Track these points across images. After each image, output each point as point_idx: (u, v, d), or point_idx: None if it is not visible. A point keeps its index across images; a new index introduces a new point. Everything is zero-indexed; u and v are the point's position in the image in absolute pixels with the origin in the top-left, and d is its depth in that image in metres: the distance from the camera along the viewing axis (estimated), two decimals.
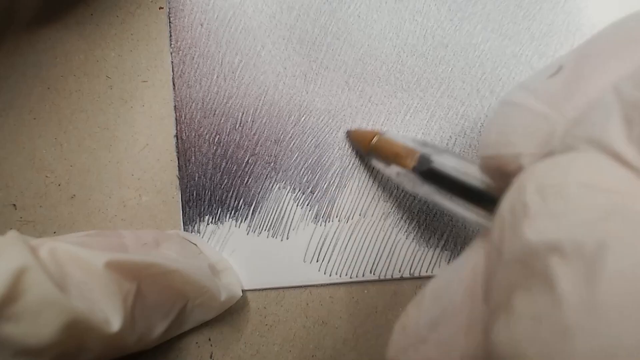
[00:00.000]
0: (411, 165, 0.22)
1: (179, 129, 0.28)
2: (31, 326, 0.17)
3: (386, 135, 0.25)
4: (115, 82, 0.28)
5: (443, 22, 0.29)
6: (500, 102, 0.15)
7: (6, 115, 0.28)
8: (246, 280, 0.27)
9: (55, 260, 0.19)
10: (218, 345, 0.26)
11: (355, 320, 0.26)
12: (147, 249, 0.23)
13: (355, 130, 0.27)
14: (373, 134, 0.25)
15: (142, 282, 0.21)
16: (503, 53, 0.28)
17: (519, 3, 0.29)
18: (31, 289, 0.17)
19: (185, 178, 0.28)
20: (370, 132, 0.26)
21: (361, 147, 0.26)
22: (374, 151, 0.25)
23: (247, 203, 0.27)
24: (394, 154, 0.23)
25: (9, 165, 0.27)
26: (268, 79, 0.28)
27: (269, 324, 0.26)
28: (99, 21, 0.29)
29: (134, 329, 0.20)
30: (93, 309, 0.18)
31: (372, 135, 0.25)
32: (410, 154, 0.22)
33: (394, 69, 0.28)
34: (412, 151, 0.22)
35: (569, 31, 0.28)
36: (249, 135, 0.28)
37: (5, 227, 0.27)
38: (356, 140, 0.27)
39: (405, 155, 0.22)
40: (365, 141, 0.25)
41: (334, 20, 0.29)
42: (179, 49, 0.29)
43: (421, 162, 0.21)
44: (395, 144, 0.23)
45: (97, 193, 0.27)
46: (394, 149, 0.23)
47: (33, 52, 0.28)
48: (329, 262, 0.27)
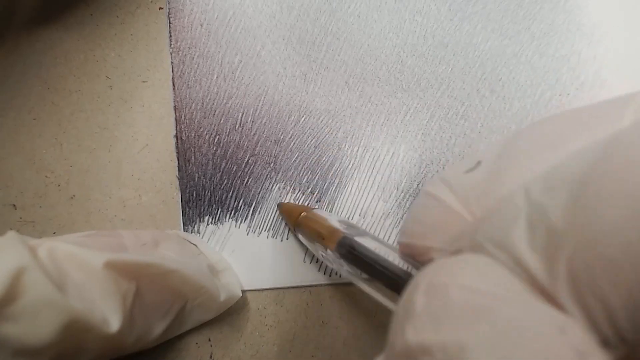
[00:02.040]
0: (332, 246, 0.22)
1: (179, 129, 0.28)
2: (30, 326, 0.17)
3: (314, 212, 0.25)
4: (115, 82, 0.28)
5: (443, 22, 0.29)
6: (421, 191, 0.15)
7: (6, 115, 0.28)
8: (246, 280, 0.27)
9: (54, 260, 0.19)
10: (218, 345, 0.26)
11: (355, 320, 0.26)
12: (146, 249, 0.23)
13: (285, 203, 0.27)
14: (301, 210, 0.25)
15: (141, 282, 0.21)
16: (503, 53, 0.28)
17: (519, 3, 0.29)
18: (30, 289, 0.17)
19: (185, 178, 0.28)
20: (299, 207, 0.26)
21: (289, 220, 0.26)
22: (300, 226, 0.25)
23: (247, 203, 0.27)
24: (317, 233, 0.23)
25: (9, 165, 0.27)
26: (268, 79, 0.28)
27: (269, 324, 0.26)
28: (98, 21, 0.29)
29: (133, 329, 0.20)
30: (92, 309, 0.18)
31: (301, 211, 0.25)
32: (332, 235, 0.22)
33: (394, 69, 0.28)
34: (335, 232, 0.22)
35: (569, 31, 0.28)
36: (249, 136, 0.28)
37: (5, 227, 0.27)
38: (285, 214, 0.27)
39: (328, 236, 0.22)
40: (293, 216, 0.25)
41: (334, 20, 0.29)
42: (179, 49, 0.28)
43: (342, 244, 0.21)
44: (319, 223, 0.23)
45: (96, 193, 0.27)
46: (317, 229, 0.23)
47: (33, 52, 0.28)
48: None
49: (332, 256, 0.22)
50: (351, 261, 0.20)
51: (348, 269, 0.21)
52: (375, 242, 0.20)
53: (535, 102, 0.28)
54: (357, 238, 0.21)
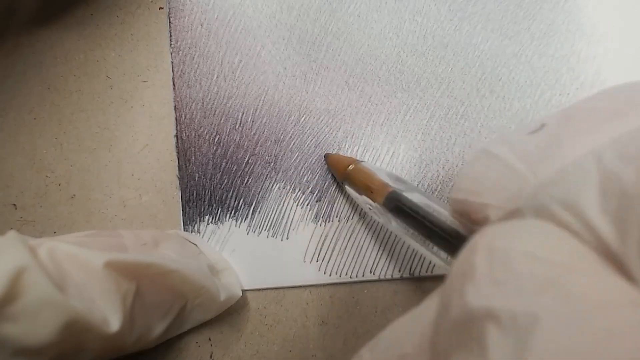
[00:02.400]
0: (380, 200, 0.21)
1: (179, 129, 0.28)
2: (30, 326, 0.17)
3: (362, 165, 0.25)
4: (115, 82, 0.28)
5: (443, 22, 0.29)
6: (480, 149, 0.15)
7: (6, 115, 0.28)
8: (246, 280, 0.27)
9: (54, 260, 0.19)
10: (218, 345, 0.26)
11: (355, 320, 0.26)
12: (146, 249, 0.23)
13: (333, 154, 0.27)
14: (349, 162, 0.25)
15: (141, 282, 0.21)
16: (503, 53, 0.28)
17: (519, 3, 0.29)
18: (30, 288, 0.17)
19: (185, 178, 0.28)
20: (347, 159, 0.26)
21: (337, 172, 0.26)
22: (348, 179, 0.25)
23: (247, 203, 0.27)
24: (366, 186, 0.23)
25: (9, 165, 0.28)
26: (268, 79, 0.28)
27: (269, 324, 0.26)
28: (99, 21, 0.29)
29: (133, 329, 0.20)
30: (92, 308, 0.18)
31: (349, 163, 0.25)
32: (381, 189, 0.22)
33: (394, 68, 0.28)
34: (384, 186, 0.22)
35: (569, 31, 0.28)
36: (249, 135, 0.28)
37: (5, 227, 0.27)
38: (333, 165, 0.27)
39: (376, 189, 0.22)
40: (341, 168, 0.25)
41: (334, 20, 0.29)
42: (179, 49, 0.29)
43: (390, 198, 0.21)
44: (369, 175, 0.23)
45: (97, 193, 0.27)
46: (366, 182, 0.23)
47: (33, 52, 0.29)
48: (329, 262, 0.27)
49: (380, 210, 0.22)
50: (399, 216, 0.20)
51: (396, 224, 0.21)
52: (425, 198, 0.20)
53: (535, 102, 0.28)
54: (406, 193, 0.21)
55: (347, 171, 0.25)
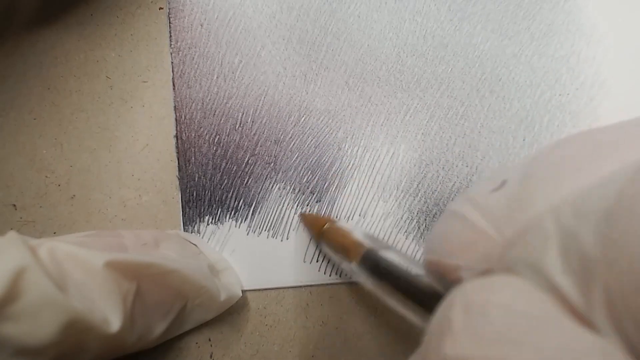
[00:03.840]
0: (357, 260, 0.22)
1: (179, 129, 0.28)
2: (30, 326, 0.17)
3: (337, 224, 0.25)
4: (115, 82, 0.28)
5: (443, 22, 0.29)
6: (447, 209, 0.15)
7: (6, 115, 0.28)
8: (246, 280, 0.27)
9: (55, 260, 0.19)
10: (218, 345, 0.26)
11: (355, 320, 0.26)
12: (146, 249, 0.23)
13: (308, 214, 0.27)
14: (324, 222, 0.25)
15: (142, 282, 0.21)
16: (503, 53, 0.28)
17: (518, 3, 0.29)
18: (30, 288, 0.17)
19: (185, 178, 0.28)
20: (322, 219, 0.26)
21: (312, 232, 0.26)
22: (323, 238, 0.25)
23: (247, 203, 0.27)
24: (341, 245, 0.23)
25: (9, 165, 0.28)
26: (268, 79, 0.28)
27: (269, 324, 0.26)
28: (99, 21, 0.29)
29: (134, 329, 0.20)
30: (92, 308, 0.18)
31: (324, 223, 0.25)
32: (356, 249, 0.22)
33: (394, 69, 0.28)
34: (359, 245, 0.22)
35: (569, 31, 0.28)
36: (249, 136, 0.28)
37: (5, 227, 0.27)
38: (308, 225, 0.27)
39: (352, 249, 0.22)
40: (317, 227, 0.26)
41: (334, 20, 0.29)
42: (179, 49, 0.29)
43: (366, 258, 0.21)
44: (343, 236, 0.23)
45: (97, 193, 0.27)
46: (341, 241, 0.23)
47: (33, 52, 0.29)
48: (329, 262, 0.27)
49: (356, 269, 0.22)
50: (375, 275, 0.20)
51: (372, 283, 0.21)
52: (400, 256, 0.20)
53: (535, 102, 0.28)
54: (382, 252, 0.21)
55: (322, 230, 0.25)
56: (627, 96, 0.28)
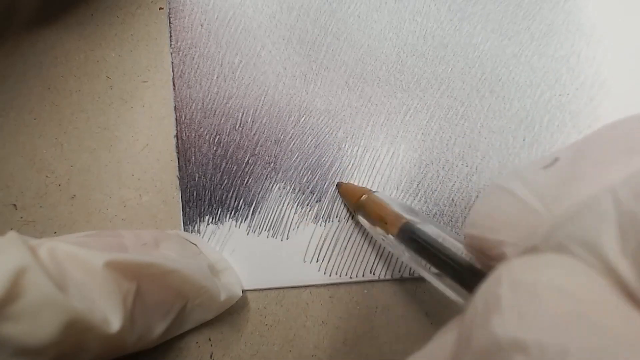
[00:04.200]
0: (394, 232, 0.21)
1: (179, 129, 0.28)
2: (31, 326, 0.17)
3: (375, 195, 0.25)
4: (116, 82, 0.28)
5: (443, 22, 0.29)
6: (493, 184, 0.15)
7: (6, 115, 0.28)
8: (246, 280, 0.27)
9: (55, 260, 0.19)
10: (218, 345, 0.26)
11: (355, 320, 0.26)
12: (146, 249, 0.23)
13: (346, 184, 0.27)
14: (362, 192, 0.25)
15: (142, 282, 0.21)
16: (503, 53, 0.28)
17: (518, 3, 0.29)
18: (31, 288, 0.17)
19: (185, 178, 0.28)
20: (360, 189, 0.26)
21: (349, 202, 0.26)
22: (361, 209, 0.25)
23: (247, 203, 0.27)
24: (379, 217, 0.23)
25: (10, 165, 0.28)
26: (268, 79, 0.28)
27: (269, 324, 0.26)
28: (99, 21, 0.29)
29: (134, 329, 0.20)
30: (92, 308, 0.18)
31: (362, 193, 0.25)
32: (394, 220, 0.22)
33: (394, 69, 0.28)
34: (398, 217, 0.22)
35: (569, 31, 0.28)
36: (249, 136, 0.28)
37: (5, 227, 0.27)
38: (345, 195, 0.27)
39: (390, 221, 0.22)
40: (354, 198, 0.25)
41: (334, 20, 0.29)
42: (179, 50, 0.29)
43: (404, 230, 0.21)
44: (382, 207, 0.23)
45: (97, 193, 0.27)
46: (379, 213, 0.23)
47: (33, 52, 0.29)
48: (329, 262, 0.27)
49: (393, 241, 0.22)
50: (413, 248, 0.20)
51: (409, 256, 0.21)
52: (439, 230, 0.20)
53: (535, 102, 0.28)
54: (420, 225, 0.21)
55: (359, 202, 0.25)
56: (627, 96, 0.28)
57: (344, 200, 0.27)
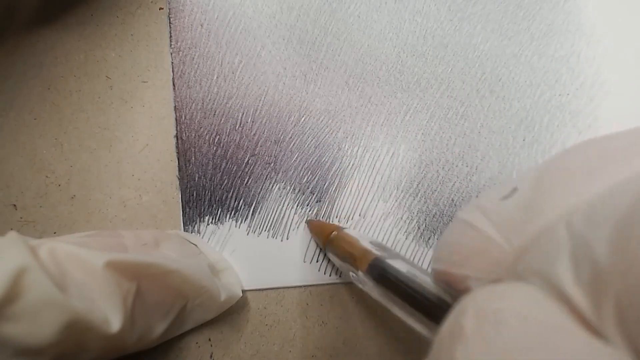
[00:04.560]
0: (364, 268, 0.21)
1: (179, 129, 0.28)
2: (31, 326, 0.17)
3: (344, 232, 0.25)
4: (116, 82, 0.28)
5: (443, 22, 0.29)
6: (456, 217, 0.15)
7: (6, 116, 0.28)
8: (246, 280, 0.27)
9: (55, 260, 0.19)
10: (218, 345, 0.26)
11: (355, 320, 0.26)
12: (146, 249, 0.23)
13: (315, 221, 0.27)
14: (332, 229, 0.25)
15: (142, 282, 0.21)
16: (503, 53, 0.28)
17: (518, 3, 0.29)
18: (31, 289, 0.17)
19: (185, 178, 0.28)
20: (329, 225, 0.26)
21: (319, 239, 0.26)
22: (330, 246, 0.25)
23: (247, 203, 0.28)
24: (349, 254, 0.23)
25: (10, 166, 0.28)
26: (268, 79, 0.28)
27: (269, 324, 0.26)
28: (99, 21, 0.29)
29: (134, 329, 0.20)
30: (93, 309, 0.18)
31: (331, 230, 0.25)
32: (363, 257, 0.22)
33: (394, 69, 0.28)
34: (367, 253, 0.22)
35: (568, 31, 0.28)
36: (249, 136, 0.28)
37: (5, 227, 0.27)
38: (315, 232, 0.27)
39: (360, 257, 0.22)
40: (324, 235, 0.25)
41: (334, 20, 0.29)
42: (179, 50, 0.29)
43: (373, 266, 0.21)
44: (351, 243, 0.23)
45: (97, 193, 0.27)
46: (348, 249, 0.23)
47: (33, 52, 0.29)
48: (329, 262, 0.27)
49: (363, 278, 0.22)
50: (383, 284, 0.20)
51: (379, 291, 0.21)
52: (408, 265, 0.20)
53: (535, 102, 0.28)
54: (389, 260, 0.21)
55: (329, 238, 0.25)
56: (626, 96, 0.28)
57: (314, 237, 0.27)
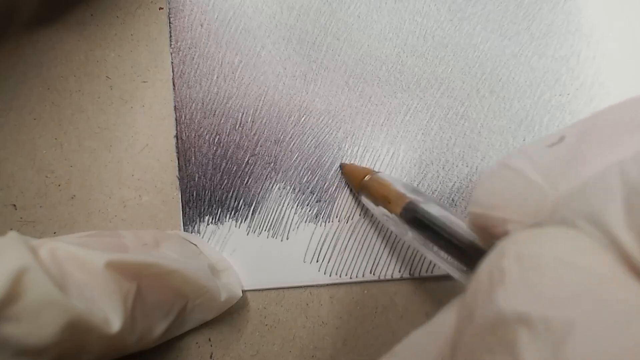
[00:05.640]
0: (398, 211, 0.21)
1: (179, 129, 0.28)
2: (31, 326, 0.17)
3: (378, 175, 0.25)
4: (116, 82, 0.28)
5: (443, 22, 0.29)
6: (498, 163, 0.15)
7: (6, 116, 0.28)
8: (246, 280, 0.27)
9: (56, 260, 0.19)
10: (218, 346, 0.26)
11: (355, 321, 0.26)
12: (147, 249, 0.23)
13: (349, 164, 0.27)
14: (366, 172, 0.25)
15: (142, 282, 0.21)
16: (503, 53, 0.28)
17: (518, 3, 0.29)
18: (31, 289, 0.17)
19: (185, 178, 0.28)
20: (363, 169, 0.26)
21: (353, 183, 0.26)
22: (364, 189, 0.25)
23: (247, 203, 0.28)
24: (383, 197, 0.23)
25: (10, 166, 0.28)
26: (268, 79, 0.28)
27: (269, 324, 0.26)
28: (99, 21, 0.29)
29: (134, 329, 0.20)
30: (93, 309, 0.18)
31: (365, 173, 0.25)
32: (398, 200, 0.22)
33: (394, 69, 0.28)
34: (401, 197, 0.22)
35: (568, 31, 0.28)
36: (249, 136, 0.28)
37: (5, 228, 0.27)
38: (348, 175, 0.27)
39: (394, 200, 0.22)
40: (358, 178, 0.25)
41: (334, 20, 0.29)
42: (179, 50, 0.29)
43: (407, 209, 0.21)
44: (385, 186, 0.23)
45: (97, 193, 0.27)
46: (383, 192, 0.23)
47: (33, 52, 0.29)
48: (329, 262, 0.27)
49: (396, 220, 0.22)
50: (416, 227, 0.20)
51: (412, 235, 0.21)
52: (442, 209, 0.20)
53: (535, 103, 0.28)
54: (424, 205, 0.21)
55: (363, 182, 0.25)
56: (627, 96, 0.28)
57: (347, 180, 0.27)
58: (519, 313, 0.09)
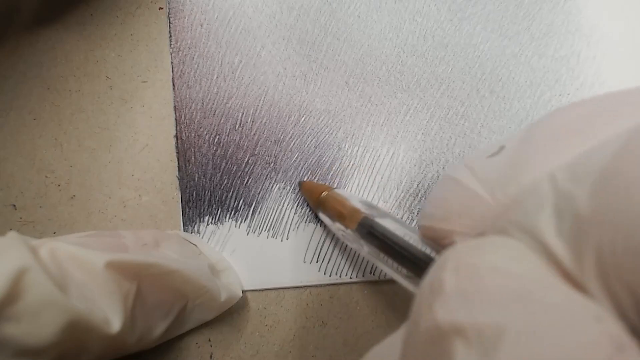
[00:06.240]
0: (353, 227, 0.22)
1: (179, 129, 0.28)
2: (31, 326, 0.17)
3: (335, 191, 0.25)
4: (115, 82, 0.28)
5: (443, 22, 0.29)
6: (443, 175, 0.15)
7: (6, 116, 0.28)
8: (246, 280, 0.27)
9: (56, 260, 0.19)
10: (218, 346, 0.26)
11: (355, 321, 0.26)
12: (147, 249, 0.23)
13: (307, 182, 0.27)
14: (323, 189, 0.26)
15: (142, 283, 0.21)
16: (503, 53, 0.28)
17: (518, 3, 0.29)
18: (31, 289, 0.17)
19: (185, 178, 0.28)
20: (320, 186, 0.26)
21: (310, 200, 0.26)
22: (321, 206, 0.25)
23: (247, 203, 0.27)
24: (339, 213, 0.23)
25: (9, 166, 0.27)
26: (268, 79, 0.28)
27: (269, 324, 0.26)
28: (99, 21, 0.29)
29: (134, 329, 0.20)
30: (93, 309, 0.18)
31: (322, 190, 0.25)
32: (353, 215, 0.22)
33: (394, 69, 0.28)
34: (356, 212, 0.22)
35: (568, 31, 0.28)
36: (249, 136, 0.28)
37: (5, 228, 0.27)
38: (307, 193, 0.27)
39: (349, 215, 0.22)
40: (315, 195, 0.26)
41: (334, 20, 0.29)
42: (179, 50, 0.29)
43: (363, 225, 0.21)
44: (341, 202, 0.24)
45: (97, 193, 0.27)
46: (339, 208, 0.23)
47: (33, 52, 0.28)
48: (329, 262, 0.27)
49: (352, 236, 0.22)
50: (371, 242, 0.21)
51: (368, 250, 0.21)
52: (396, 223, 0.20)
53: (535, 103, 0.28)
54: (378, 219, 0.21)
55: (320, 198, 0.25)
56: None
57: (306, 198, 0.27)
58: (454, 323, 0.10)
